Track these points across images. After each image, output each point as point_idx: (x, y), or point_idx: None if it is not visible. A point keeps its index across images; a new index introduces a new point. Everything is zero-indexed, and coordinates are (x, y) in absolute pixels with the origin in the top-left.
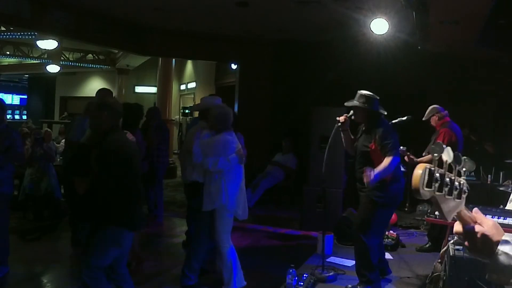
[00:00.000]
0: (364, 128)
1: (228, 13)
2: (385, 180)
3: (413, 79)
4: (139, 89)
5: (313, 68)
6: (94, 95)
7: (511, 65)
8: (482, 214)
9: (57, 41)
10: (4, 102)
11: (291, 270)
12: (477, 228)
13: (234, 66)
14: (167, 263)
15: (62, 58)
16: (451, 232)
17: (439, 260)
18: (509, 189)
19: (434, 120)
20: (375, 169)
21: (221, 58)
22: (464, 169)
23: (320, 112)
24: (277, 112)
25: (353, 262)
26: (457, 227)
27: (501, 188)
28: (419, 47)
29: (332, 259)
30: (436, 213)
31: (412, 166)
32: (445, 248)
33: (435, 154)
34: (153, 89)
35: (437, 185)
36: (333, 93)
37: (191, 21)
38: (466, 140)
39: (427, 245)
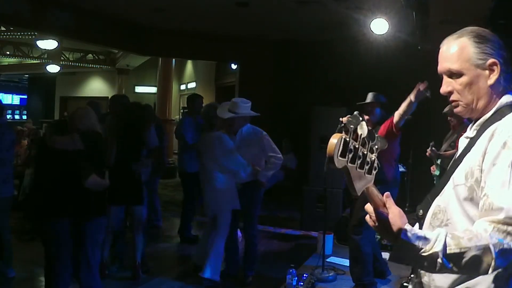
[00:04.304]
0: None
1: (228, 13)
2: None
3: (413, 79)
4: (139, 89)
5: (313, 68)
6: (94, 95)
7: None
8: (392, 200)
9: (57, 41)
10: (1, 102)
11: (291, 270)
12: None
13: (234, 66)
14: (166, 263)
15: (62, 58)
16: None
17: None
18: None
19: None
20: None
21: (221, 58)
22: (376, 146)
23: (320, 112)
24: (277, 112)
25: None
26: (369, 206)
27: None
28: (419, 47)
29: (332, 259)
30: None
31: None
32: None
33: (351, 126)
34: (153, 89)
35: (350, 155)
36: (333, 93)
37: (191, 21)
38: None
39: None
